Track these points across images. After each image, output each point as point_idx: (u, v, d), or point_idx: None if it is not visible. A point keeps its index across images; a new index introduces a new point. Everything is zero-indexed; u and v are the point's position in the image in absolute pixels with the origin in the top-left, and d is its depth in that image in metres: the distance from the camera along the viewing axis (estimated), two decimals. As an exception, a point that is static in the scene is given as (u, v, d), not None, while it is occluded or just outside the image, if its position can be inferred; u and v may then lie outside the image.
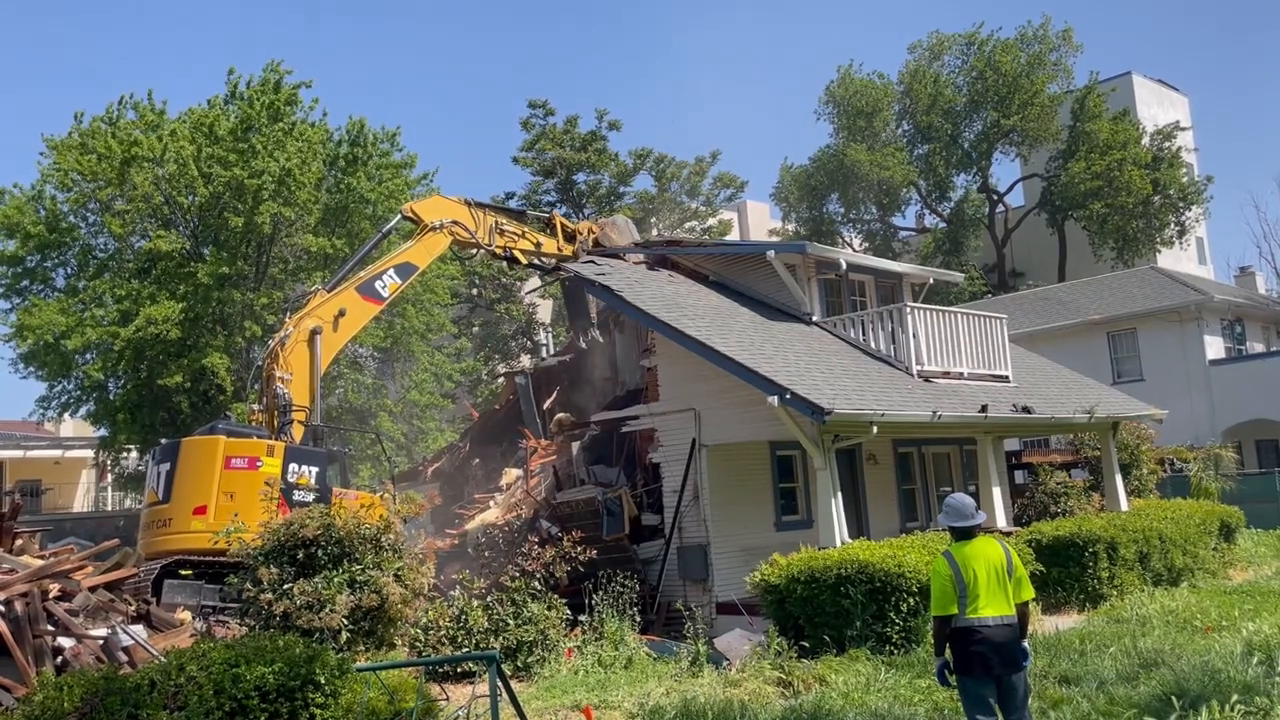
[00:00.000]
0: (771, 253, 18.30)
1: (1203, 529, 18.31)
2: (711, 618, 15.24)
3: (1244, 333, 33.51)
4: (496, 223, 19.21)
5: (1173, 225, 43.83)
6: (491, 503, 20.61)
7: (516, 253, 19.58)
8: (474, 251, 20.35)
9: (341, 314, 16.94)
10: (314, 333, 16.41)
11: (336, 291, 17.19)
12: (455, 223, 18.52)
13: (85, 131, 27.37)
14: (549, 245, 20.06)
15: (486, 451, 23.83)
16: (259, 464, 14.57)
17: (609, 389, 21.42)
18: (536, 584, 13.23)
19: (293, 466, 14.85)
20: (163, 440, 17.56)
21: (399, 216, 18.91)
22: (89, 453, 36.89)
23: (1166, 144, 44.13)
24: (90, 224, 28.42)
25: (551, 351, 33.45)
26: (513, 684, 10.00)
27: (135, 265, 27.73)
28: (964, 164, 48.89)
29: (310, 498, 14.43)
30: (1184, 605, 13.86)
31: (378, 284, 17.66)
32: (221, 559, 13.03)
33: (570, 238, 20.36)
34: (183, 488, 14.60)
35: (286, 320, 16.83)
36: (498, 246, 19.26)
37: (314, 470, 15.14)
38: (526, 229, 19.89)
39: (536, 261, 20.41)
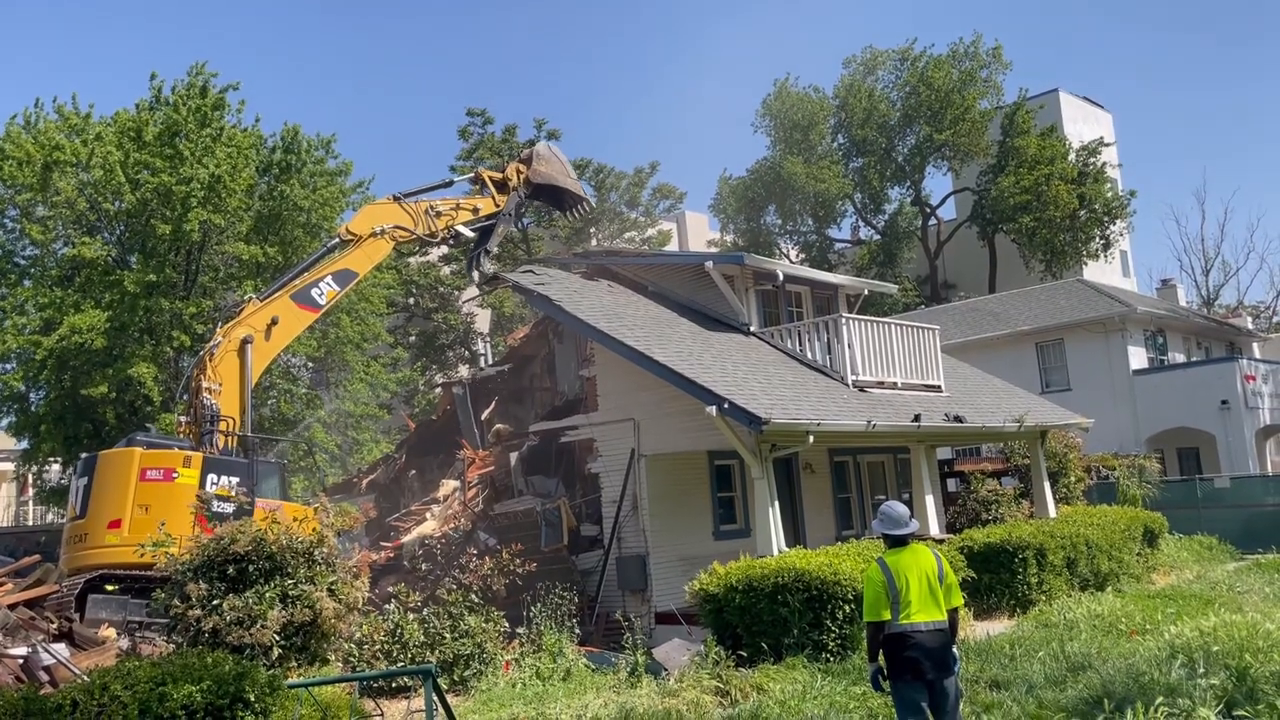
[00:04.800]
0: (710, 264, 18.43)
1: (1127, 535, 18.81)
2: (650, 628, 15.25)
3: (1166, 343, 34.52)
4: (430, 206, 18.88)
5: (1098, 239, 45.01)
6: (428, 515, 20.37)
7: (459, 227, 19.28)
8: (418, 246, 19.92)
9: (274, 322, 16.61)
10: (245, 342, 16.08)
11: (270, 299, 16.87)
12: (396, 227, 18.25)
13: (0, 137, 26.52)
14: (486, 206, 19.70)
15: (423, 463, 23.58)
16: (174, 475, 14.26)
17: (547, 399, 21.34)
18: (474, 596, 13.11)
19: (211, 477, 14.55)
20: (84, 454, 17.08)
21: (337, 239, 18.52)
22: (10, 466, 35.76)
23: (1092, 159, 45.34)
24: (10, 230, 27.55)
25: (490, 361, 33.16)
26: (449, 698, 9.89)
27: (58, 272, 26.92)
28: (898, 177, 49.73)
29: (230, 509, 14.13)
30: (1110, 609, 14.19)
31: (314, 291, 17.35)
32: (148, 573, 12.71)
33: (502, 187, 20.01)
34: (98, 502, 14.24)
35: (217, 329, 16.48)
36: (442, 230, 18.95)
37: (234, 481, 14.82)
38: (460, 200, 19.60)
39: (483, 225, 19.96)
